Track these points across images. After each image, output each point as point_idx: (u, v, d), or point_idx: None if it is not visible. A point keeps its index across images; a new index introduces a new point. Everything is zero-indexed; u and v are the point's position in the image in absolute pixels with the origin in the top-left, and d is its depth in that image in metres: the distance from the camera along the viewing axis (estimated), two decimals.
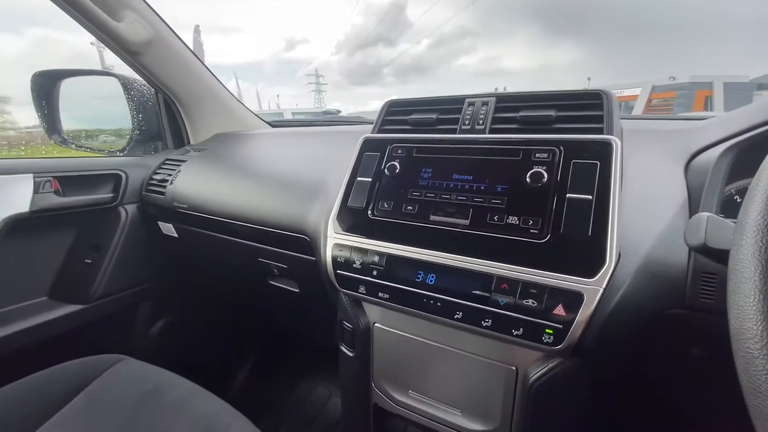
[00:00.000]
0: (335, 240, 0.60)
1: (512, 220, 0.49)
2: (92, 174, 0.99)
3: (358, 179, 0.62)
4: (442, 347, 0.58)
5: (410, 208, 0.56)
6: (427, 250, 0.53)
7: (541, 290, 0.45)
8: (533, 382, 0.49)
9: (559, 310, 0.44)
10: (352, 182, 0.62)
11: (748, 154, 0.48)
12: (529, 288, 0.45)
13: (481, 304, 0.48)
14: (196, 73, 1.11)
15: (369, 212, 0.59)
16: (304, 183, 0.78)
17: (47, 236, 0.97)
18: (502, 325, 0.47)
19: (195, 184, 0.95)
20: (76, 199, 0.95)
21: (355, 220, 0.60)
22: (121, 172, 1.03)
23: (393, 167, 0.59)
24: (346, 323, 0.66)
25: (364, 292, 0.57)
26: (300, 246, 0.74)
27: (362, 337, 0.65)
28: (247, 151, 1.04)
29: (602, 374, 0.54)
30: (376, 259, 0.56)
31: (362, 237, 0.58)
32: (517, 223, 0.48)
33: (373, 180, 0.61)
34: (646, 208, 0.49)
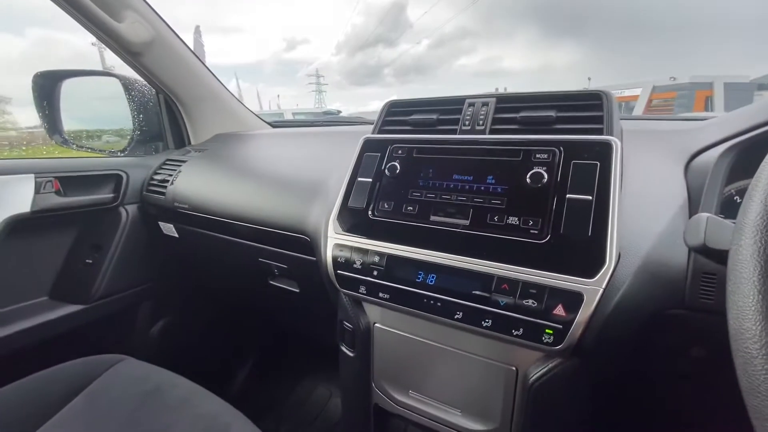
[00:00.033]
0: (336, 240, 0.60)
1: (512, 220, 0.49)
2: (93, 174, 0.99)
3: (359, 179, 0.62)
4: (442, 347, 0.58)
5: (410, 208, 0.56)
6: (427, 251, 0.53)
7: (541, 290, 0.45)
8: (533, 382, 0.49)
9: (559, 311, 0.44)
10: (353, 182, 0.63)
11: (748, 155, 0.48)
12: (529, 288, 0.46)
13: (481, 305, 0.48)
14: (197, 74, 1.12)
15: (369, 212, 0.59)
16: (305, 183, 0.78)
17: (48, 236, 0.98)
18: (502, 326, 0.47)
19: (196, 184, 0.96)
20: (77, 200, 0.95)
21: (356, 221, 0.60)
22: (122, 173, 1.03)
23: (393, 167, 0.60)
24: (346, 323, 0.66)
25: (365, 293, 0.57)
26: (300, 246, 0.74)
27: (362, 337, 0.65)
28: (248, 152, 1.04)
29: (602, 374, 0.54)
30: (377, 259, 0.56)
31: (363, 237, 0.58)
32: (517, 223, 0.48)
33: (373, 180, 0.61)
34: (646, 209, 0.49)
